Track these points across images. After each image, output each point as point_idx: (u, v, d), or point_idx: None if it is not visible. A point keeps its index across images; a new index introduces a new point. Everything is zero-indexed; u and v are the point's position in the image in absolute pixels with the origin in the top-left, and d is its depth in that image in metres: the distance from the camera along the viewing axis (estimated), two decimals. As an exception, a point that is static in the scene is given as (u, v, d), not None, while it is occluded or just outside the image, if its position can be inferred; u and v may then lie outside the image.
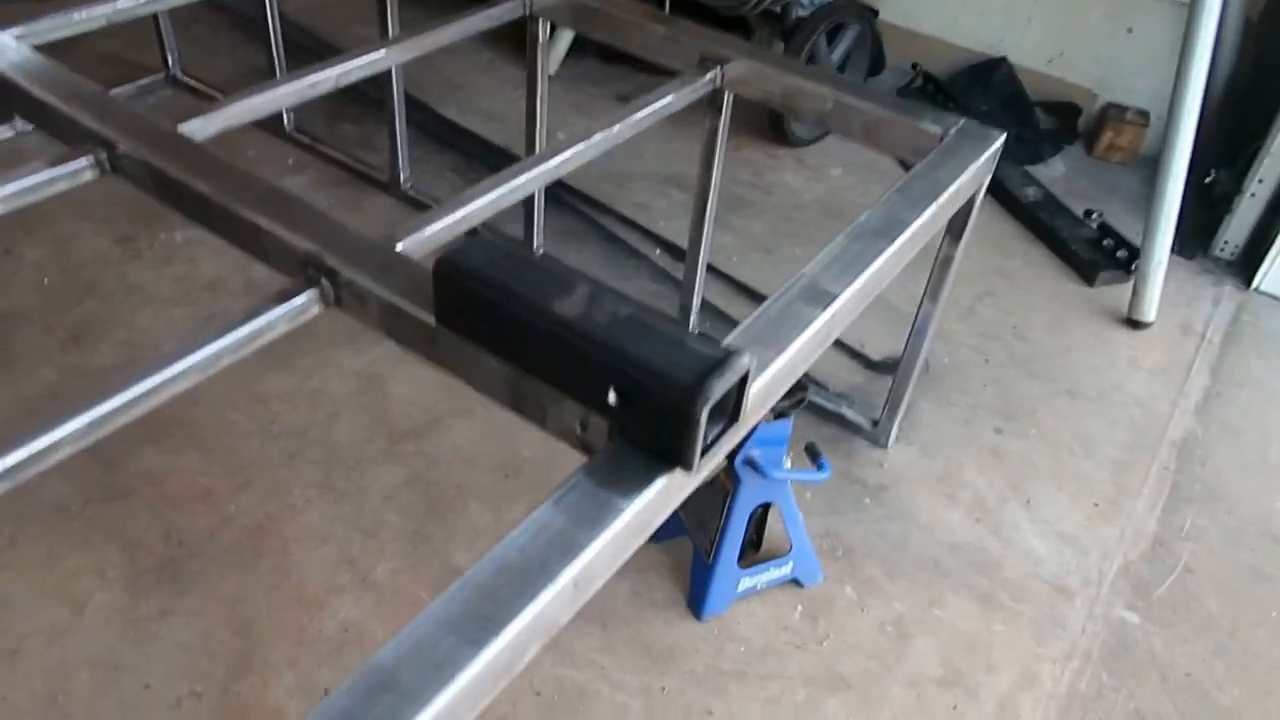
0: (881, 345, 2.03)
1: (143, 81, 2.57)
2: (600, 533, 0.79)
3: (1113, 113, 2.78)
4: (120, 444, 1.68)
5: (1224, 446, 1.93)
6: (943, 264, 1.57)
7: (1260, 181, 2.31)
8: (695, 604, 1.52)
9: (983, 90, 2.85)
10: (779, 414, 1.40)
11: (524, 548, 0.77)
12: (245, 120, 1.35)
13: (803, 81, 1.50)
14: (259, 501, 1.62)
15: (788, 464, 1.47)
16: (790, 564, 1.54)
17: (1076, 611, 1.58)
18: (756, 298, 2.12)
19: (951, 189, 1.29)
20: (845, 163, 2.64)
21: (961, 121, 1.44)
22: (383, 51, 1.52)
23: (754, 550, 1.59)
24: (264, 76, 2.00)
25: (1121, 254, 2.30)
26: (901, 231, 1.19)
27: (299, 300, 1.03)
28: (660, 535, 1.60)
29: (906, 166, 1.43)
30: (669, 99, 1.47)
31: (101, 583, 1.47)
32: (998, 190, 2.53)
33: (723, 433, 0.87)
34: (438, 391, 1.83)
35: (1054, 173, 2.70)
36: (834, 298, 1.07)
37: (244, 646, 1.41)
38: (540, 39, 1.78)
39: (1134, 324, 2.18)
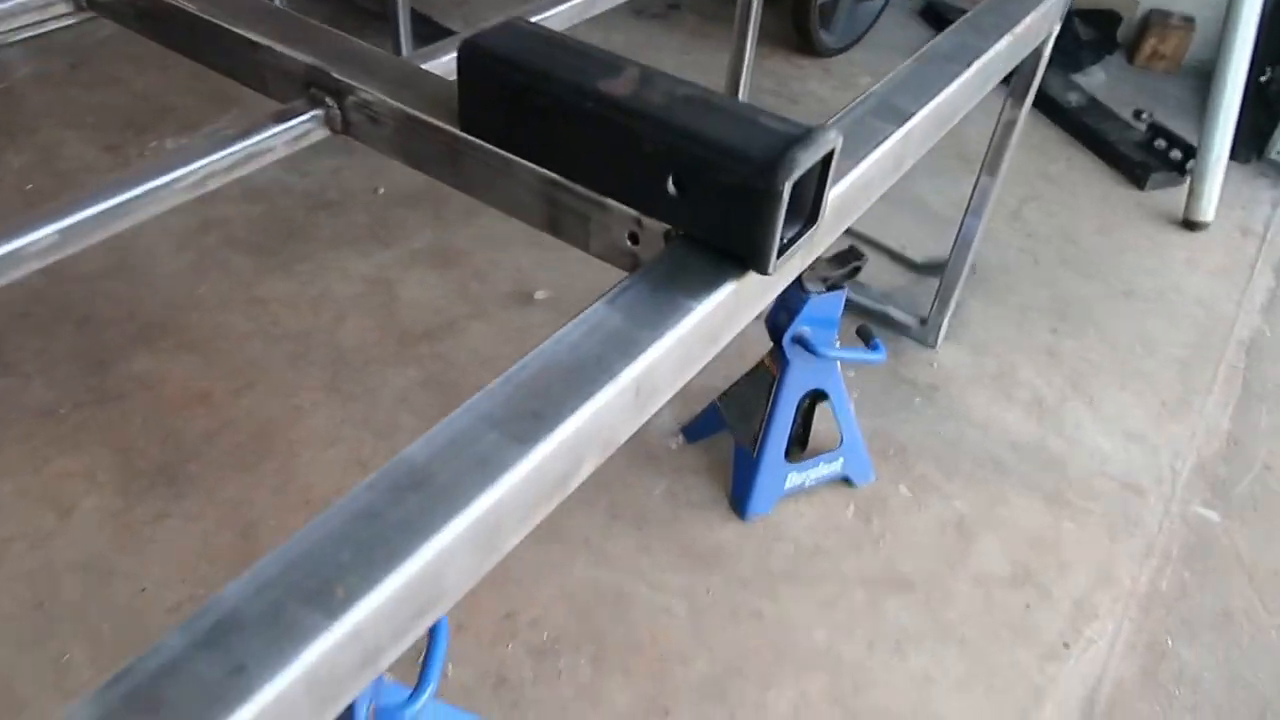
0: (924, 248, 1.90)
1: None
2: (664, 332, 0.66)
3: (1156, 19, 2.64)
4: (110, 346, 1.56)
5: (1296, 345, 1.80)
6: (1004, 129, 1.43)
7: (1321, 75, 2.17)
8: (739, 503, 1.39)
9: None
10: (831, 285, 1.26)
11: (575, 345, 0.65)
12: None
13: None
14: (261, 404, 1.49)
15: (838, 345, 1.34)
16: (841, 459, 1.42)
17: (1151, 509, 1.46)
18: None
19: (1025, 22, 1.16)
20: (873, 71, 2.50)
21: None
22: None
23: (800, 449, 1.46)
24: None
25: (1175, 154, 2.16)
26: (975, 59, 1.05)
27: (301, 119, 0.90)
28: (698, 431, 1.48)
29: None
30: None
31: (91, 486, 1.35)
32: (1038, 97, 2.38)
33: (801, 233, 0.74)
34: (451, 294, 1.70)
35: (1095, 81, 2.56)
36: (909, 115, 0.94)
37: (247, 548, 1.28)
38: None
39: (1190, 225, 2.05)
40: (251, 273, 1.72)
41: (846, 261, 1.27)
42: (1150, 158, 2.18)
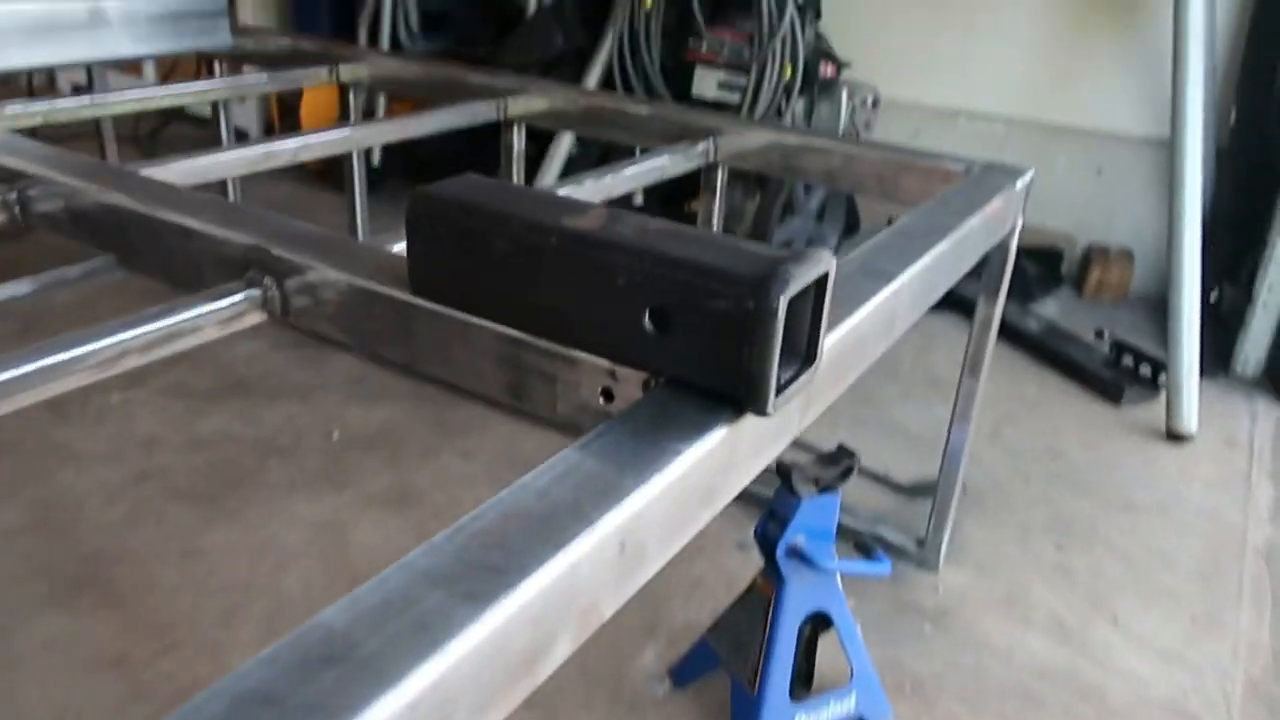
0: (909, 471, 1.81)
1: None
2: (650, 477, 0.55)
3: (1096, 253, 2.74)
4: (16, 609, 1.37)
5: (1315, 551, 1.68)
6: (981, 327, 1.39)
7: (1270, 289, 2.22)
8: (740, 754, 1.19)
9: (961, 241, 2.80)
10: (824, 487, 1.15)
11: (543, 491, 0.53)
12: (191, 181, 1.18)
13: (807, 139, 1.39)
14: (185, 666, 1.29)
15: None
16: (854, 695, 1.23)
17: (1210, 738, 1.27)
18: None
19: (992, 204, 1.14)
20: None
21: (984, 161, 1.32)
22: (346, 132, 1.39)
23: (806, 687, 1.28)
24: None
25: (1144, 370, 2.15)
26: (949, 232, 1.02)
27: (234, 299, 0.81)
28: (687, 673, 1.30)
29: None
30: (662, 160, 1.34)
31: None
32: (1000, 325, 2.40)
33: (799, 373, 0.65)
34: (408, 534, 1.56)
35: (1049, 311, 2.61)
36: (895, 275, 0.88)
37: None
38: (515, 147, 1.68)
39: (1174, 437, 1.99)
40: (190, 523, 1.57)
41: (838, 461, 1.17)
42: (1120, 375, 2.16)
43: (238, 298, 0.82)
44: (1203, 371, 2.18)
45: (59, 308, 2.23)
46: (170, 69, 3.18)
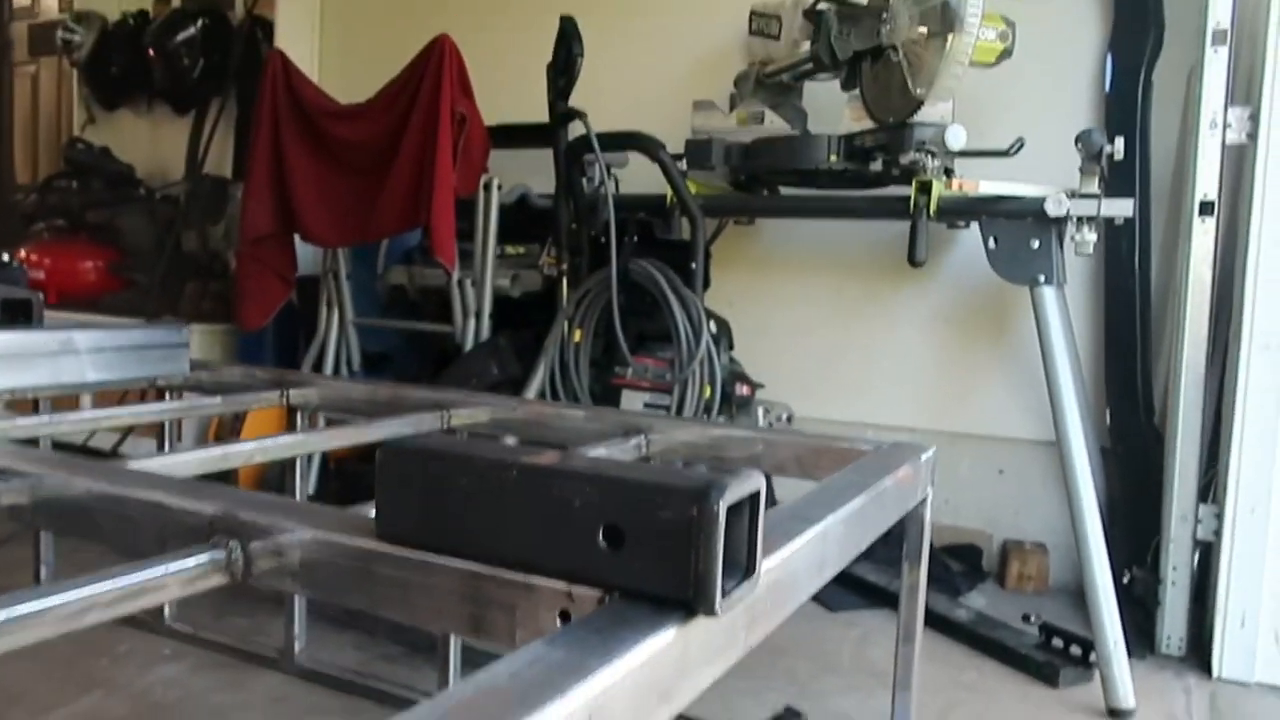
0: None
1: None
2: (616, 660, 0.59)
3: (1012, 546, 2.87)
4: None
5: (1274, 823, 1.66)
6: (909, 594, 1.46)
7: (1175, 569, 2.34)
8: None
9: (885, 541, 2.90)
10: (776, 754, 1.15)
11: (515, 673, 0.56)
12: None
13: (729, 430, 1.52)
14: None
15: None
16: None
17: None
18: (709, 731, 1.86)
19: (902, 470, 1.26)
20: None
21: (891, 442, 1.46)
22: (300, 437, 1.47)
23: None
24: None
25: (1074, 650, 2.19)
26: (865, 489, 1.12)
27: (198, 560, 0.85)
28: None
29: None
30: (600, 451, 1.44)
31: None
32: (930, 617, 2.45)
33: (740, 583, 0.71)
34: None
35: (976, 604, 2.67)
36: (821, 519, 0.96)
37: None
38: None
39: (1115, 714, 2.00)
40: None
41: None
42: (1053, 656, 2.20)
43: (203, 558, 0.86)
44: (1131, 652, 2.24)
45: None
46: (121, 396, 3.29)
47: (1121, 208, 2.17)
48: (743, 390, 2.88)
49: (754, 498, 0.72)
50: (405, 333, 3.46)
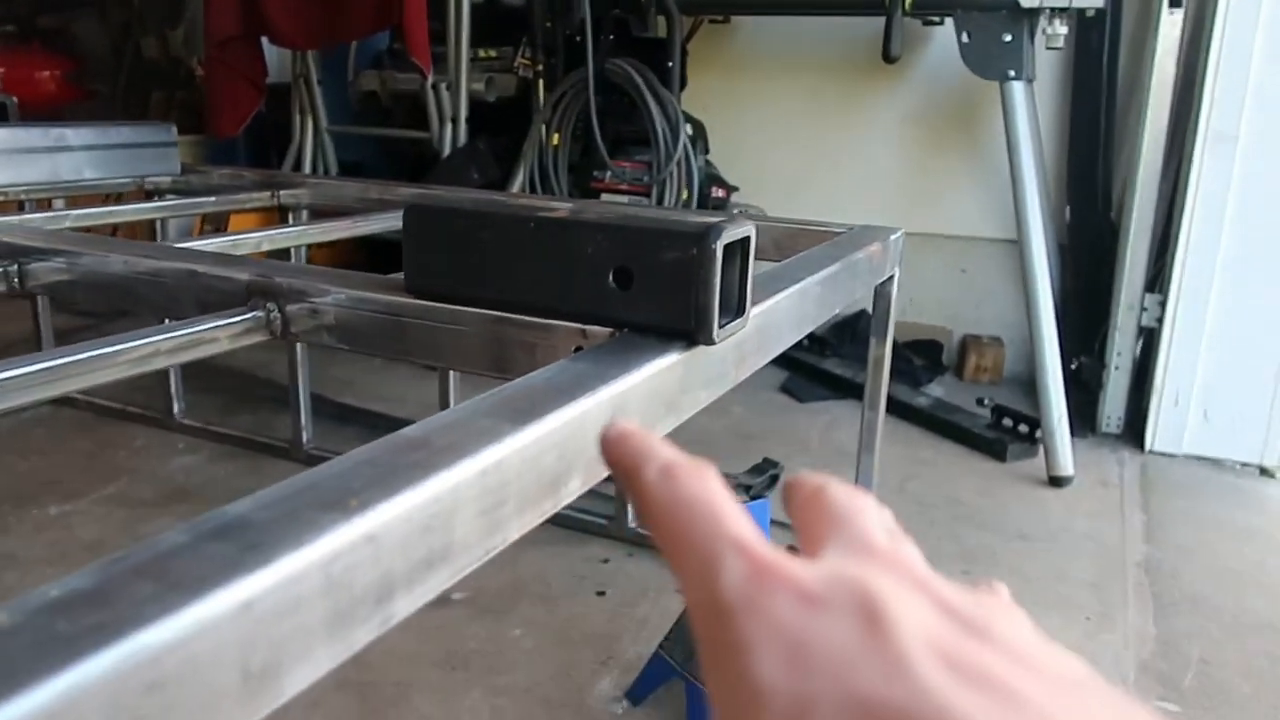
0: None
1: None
2: (633, 371, 0.70)
3: (970, 341, 3.04)
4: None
5: (1184, 562, 1.89)
6: (875, 367, 1.59)
7: (1119, 354, 2.52)
8: (700, 752, 1.28)
9: (851, 339, 3.08)
10: (755, 495, 1.31)
11: (548, 378, 0.67)
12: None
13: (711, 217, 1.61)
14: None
15: (772, 562, 1.34)
16: (796, 692, 1.34)
17: (1113, 708, 1.42)
18: (689, 500, 2.05)
19: (873, 246, 1.36)
20: (744, 402, 2.72)
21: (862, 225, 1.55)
22: (298, 229, 1.54)
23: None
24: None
25: (1023, 428, 2.39)
26: (838, 260, 1.22)
27: (243, 317, 0.95)
28: (643, 689, 1.39)
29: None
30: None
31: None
32: (891, 405, 2.64)
33: (732, 321, 0.82)
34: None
35: (935, 393, 2.86)
36: (800, 279, 1.07)
37: None
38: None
39: (1056, 481, 2.22)
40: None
41: (764, 471, 1.32)
42: (1003, 434, 2.40)
43: (245, 317, 0.95)
44: (1073, 431, 2.44)
45: None
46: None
47: (1093, -1, 2.20)
48: (718, 193, 2.94)
49: (745, 243, 0.81)
50: (379, 141, 3.45)
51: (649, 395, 0.72)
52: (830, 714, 0.22)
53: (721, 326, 0.79)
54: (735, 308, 0.83)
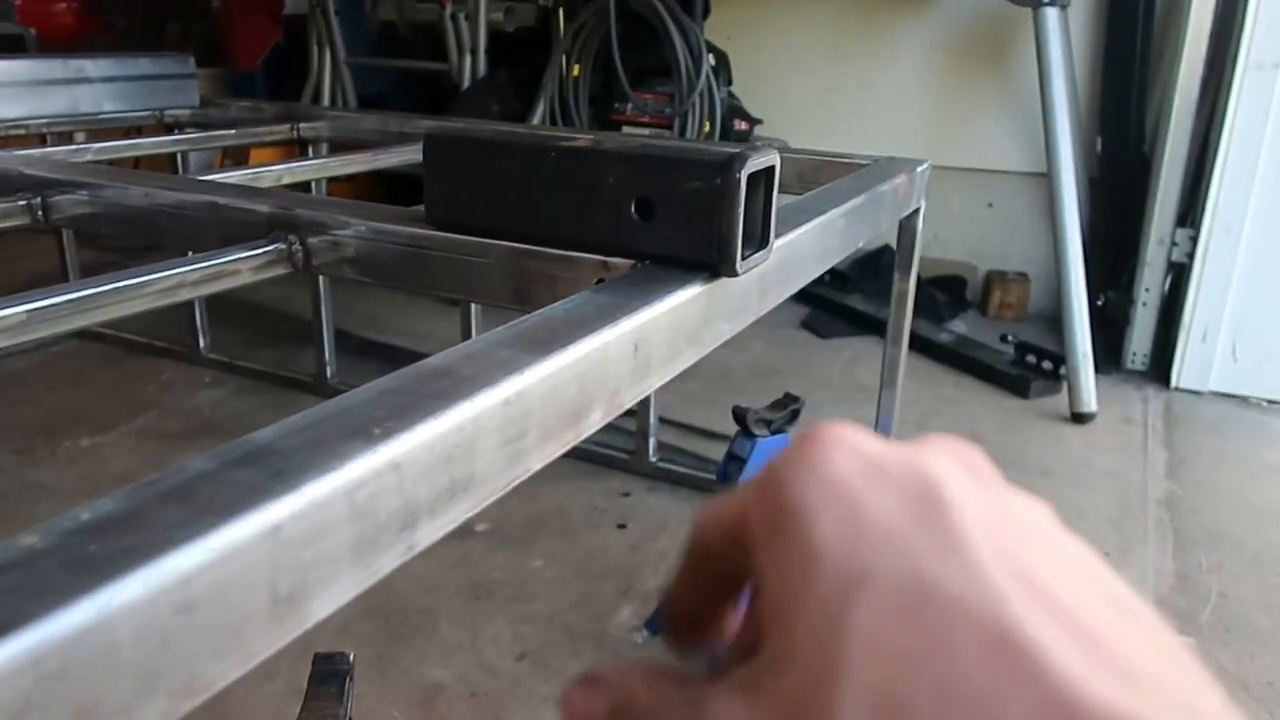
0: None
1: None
2: (653, 303, 0.70)
3: (995, 277, 3.01)
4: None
5: (1206, 498, 1.88)
6: (898, 301, 1.58)
7: (1147, 290, 2.49)
8: (718, 680, 1.30)
9: (874, 275, 3.05)
10: (776, 429, 1.31)
11: (570, 309, 0.67)
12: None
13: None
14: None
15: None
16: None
17: (1129, 641, 1.43)
18: (709, 435, 2.06)
19: (898, 179, 1.34)
20: (765, 338, 2.71)
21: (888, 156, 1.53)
22: (319, 161, 1.53)
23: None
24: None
25: (1046, 364, 2.37)
26: (862, 193, 1.20)
27: (265, 249, 0.94)
28: (658, 623, 1.41)
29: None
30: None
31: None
32: (914, 341, 2.62)
33: (756, 252, 0.81)
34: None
35: (958, 329, 2.84)
36: (823, 212, 1.05)
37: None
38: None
39: (1078, 417, 2.21)
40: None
41: (785, 406, 1.32)
42: (1026, 371, 2.38)
43: (268, 249, 0.95)
44: (1098, 368, 2.42)
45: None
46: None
47: (1135, -82, 2.11)
48: (741, 125, 2.90)
49: (769, 172, 0.80)
50: (398, 74, 3.40)
51: (671, 327, 0.72)
52: (885, 586, 0.22)
53: (744, 258, 0.78)
54: (759, 239, 0.81)
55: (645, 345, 0.68)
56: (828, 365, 2.58)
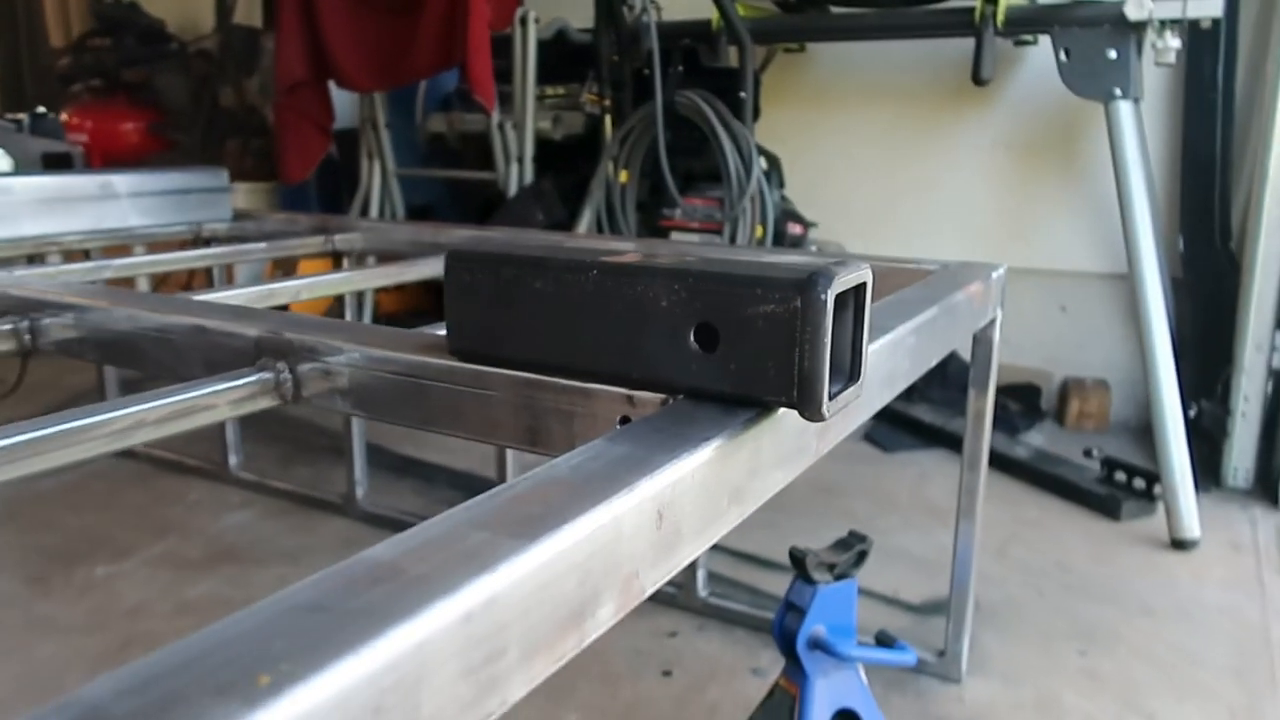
0: (919, 592, 1.78)
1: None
2: (682, 456, 0.55)
3: (1073, 384, 2.81)
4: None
5: (1342, 643, 1.64)
6: (975, 420, 1.42)
7: (1246, 399, 2.27)
8: None
9: (941, 383, 2.87)
10: (840, 574, 1.13)
11: (577, 466, 0.53)
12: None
13: (789, 257, 1.46)
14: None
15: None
16: (891, 804, 1.16)
17: (1274, 829, 1.20)
18: (766, 564, 1.88)
19: (973, 286, 1.19)
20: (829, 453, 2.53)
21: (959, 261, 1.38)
22: (345, 275, 1.44)
23: (838, 804, 1.20)
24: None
25: (1138, 483, 2.15)
26: (935, 303, 1.06)
27: (247, 380, 0.83)
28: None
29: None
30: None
31: None
32: (990, 456, 2.42)
33: (845, 386, 0.65)
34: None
35: (1034, 442, 2.63)
36: (891, 329, 0.91)
37: None
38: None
39: (1179, 544, 1.98)
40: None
41: (850, 546, 1.15)
42: (1116, 490, 2.17)
43: (250, 379, 0.83)
44: (1196, 486, 2.19)
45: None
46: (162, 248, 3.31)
47: (1209, 7, 1.99)
48: (795, 229, 2.78)
49: (860, 290, 0.65)
50: (447, 183, 3.39)
51: (707, 483, 0.57)
52: None
53: (832, 396, 0.62)
54: (848, 371, 0.66)
55: (673, 510, 0.54)
56: (894, 483, 2.39)
